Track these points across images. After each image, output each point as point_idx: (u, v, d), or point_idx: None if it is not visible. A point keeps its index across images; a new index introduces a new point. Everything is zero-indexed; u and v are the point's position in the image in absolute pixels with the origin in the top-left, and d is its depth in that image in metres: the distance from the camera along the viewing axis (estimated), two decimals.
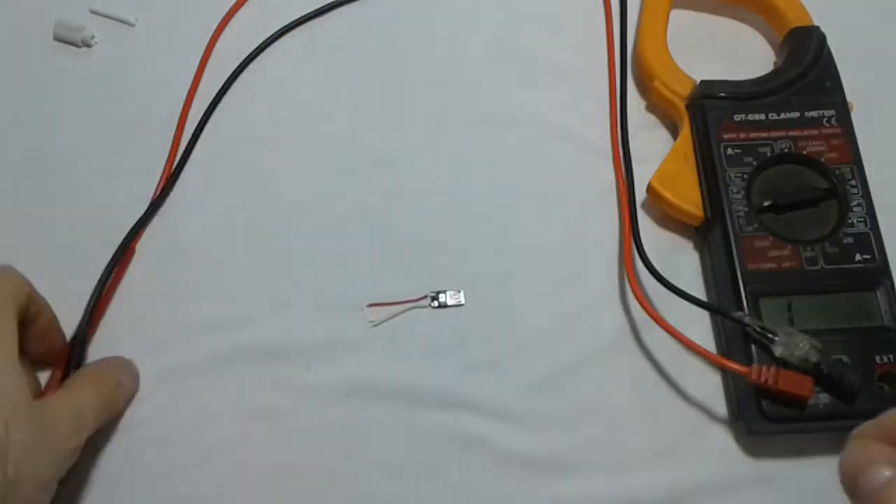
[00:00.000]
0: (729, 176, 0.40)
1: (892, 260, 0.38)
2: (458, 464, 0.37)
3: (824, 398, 0.35)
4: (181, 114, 0.45)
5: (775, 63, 0.47)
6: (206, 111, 0.45)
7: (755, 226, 0.39)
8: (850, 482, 0.25)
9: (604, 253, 0.42)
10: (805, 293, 0.38)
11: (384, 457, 0.38)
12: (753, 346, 0.36)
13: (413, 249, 0.42)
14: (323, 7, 0.48)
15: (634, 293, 0.39)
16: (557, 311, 0.41)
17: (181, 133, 0.45)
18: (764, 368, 0.35)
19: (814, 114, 0.41)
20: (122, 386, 0.38)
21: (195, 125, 0.45)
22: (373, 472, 0.37)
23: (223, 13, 0.48)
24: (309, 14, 0.48)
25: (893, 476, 0.24)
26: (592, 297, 0.41)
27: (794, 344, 0.35)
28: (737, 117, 0.41)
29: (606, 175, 0.44)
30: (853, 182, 0.40)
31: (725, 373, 0.39)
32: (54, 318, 0.37)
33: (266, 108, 0.46)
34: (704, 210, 0.40)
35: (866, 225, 0.39)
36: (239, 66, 0.47)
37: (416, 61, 0.47)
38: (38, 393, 0.37)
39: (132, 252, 0.42)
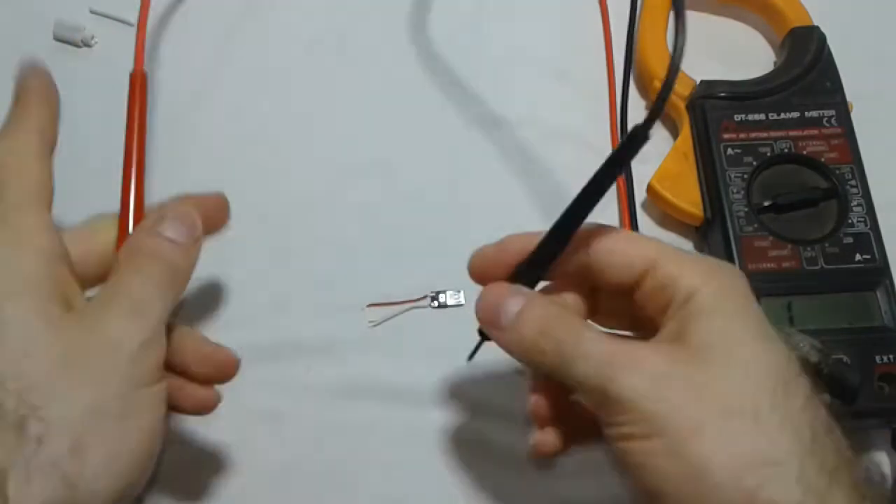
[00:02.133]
0: (729, 176, 0.40)
1: (892, 260, 0.38)
2: (458, 464, 0.37)
3: (824, 398, 0.35)
4: None
5: (775, 63, 0.47)
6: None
7: (755, 226, 0.39)
8: (491, 320, 0.29)
9: None
10: (805, 293, 0.38)
11: (384, 457, 0.38)
12: None
13: (413, 249, 0.42)
14: None
15: None
16: None
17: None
18: None
19: (814, 114, 0.41)
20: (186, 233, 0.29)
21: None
22: (373, 471, 0.37)
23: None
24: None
25: (522, 302, 0.28)
26: None
27: (793, 344, 0.35)
28: (737, 117, 0.41)
29: None
30: (853, 182, 0.40)
31: None
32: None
33: (266, 108, 0.46)
34: (704, 210, 0.40)
35: (866, 225, 0.39)
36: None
37: (417, 61, 0.47)
38: None
39: None
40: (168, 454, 0.37)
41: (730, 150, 0.41)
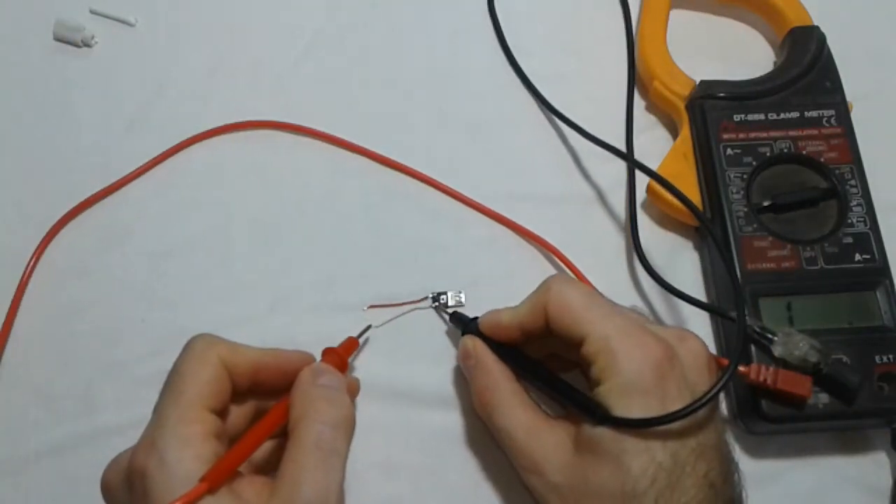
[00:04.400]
0: (728, 176, 0.40)
1: (892, 260, 0.38)
2: (458, 464, 0.37)
3: (824, 398, 0.35)
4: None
5: (775, 63, 0.47)
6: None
7: (755, 226, 0.39)
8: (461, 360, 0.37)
9: (603, 253, 0.42)
10: (805, 293, 0.38)
11: (384, 457, 0.38)
12: (753, 346, 0.36)
13: (413, 249, 0.42)
14: None
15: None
16: None
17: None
18: (763, 368, 0.35)
19: (814, 114, 0.41)
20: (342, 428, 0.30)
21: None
22: (372, 471, 0.37)
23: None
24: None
25: (473, 366, 0.35)
26: None
27: (793, 344, 0.35)
28: (736, 117, 0.41)
29: (607, 175, 0.44)
30: (853, 182, 0.40)
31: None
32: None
33: (267, 108, 0.46)
34: (704, 210, 0.40)
35: (866, 225, 0.39)
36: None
37: (417, 62, 0.47)
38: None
39: None
40: None
41: (729, 150, 0.41)
